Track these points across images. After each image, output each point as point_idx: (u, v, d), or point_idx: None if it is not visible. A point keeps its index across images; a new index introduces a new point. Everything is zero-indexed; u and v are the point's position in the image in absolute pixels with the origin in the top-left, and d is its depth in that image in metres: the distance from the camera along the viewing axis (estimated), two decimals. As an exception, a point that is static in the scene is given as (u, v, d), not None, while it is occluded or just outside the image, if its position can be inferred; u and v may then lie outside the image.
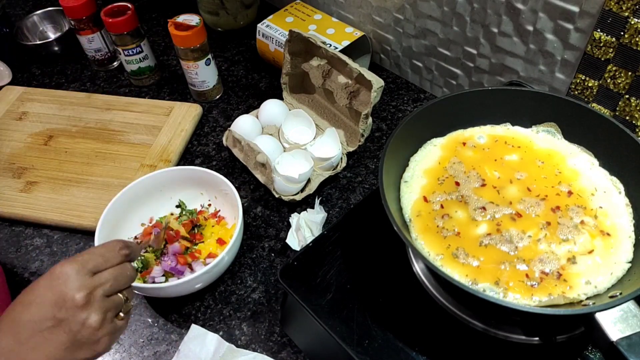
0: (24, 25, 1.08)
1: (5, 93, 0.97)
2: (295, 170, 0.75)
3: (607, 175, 0.57)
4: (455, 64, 0.86)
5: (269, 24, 0.96)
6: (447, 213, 0.54)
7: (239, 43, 1.09)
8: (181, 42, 0.86)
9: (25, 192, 0.79)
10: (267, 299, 0.68)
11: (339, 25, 0.95)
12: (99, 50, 1.01)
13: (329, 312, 0.54)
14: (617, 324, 0.42)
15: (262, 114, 0.86)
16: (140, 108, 0.93)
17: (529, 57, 0.75)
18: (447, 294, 0.52)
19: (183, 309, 0.67)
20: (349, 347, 0.51)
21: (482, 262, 0.49)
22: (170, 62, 1.06)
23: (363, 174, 0.82)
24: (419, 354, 0.50)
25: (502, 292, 0.47)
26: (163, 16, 1.18)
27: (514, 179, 0.57)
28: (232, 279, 0.70)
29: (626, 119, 0.69)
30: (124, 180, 0.78)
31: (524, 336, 0.49)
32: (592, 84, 0.70)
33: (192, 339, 0.63)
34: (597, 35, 0.65)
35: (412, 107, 0.93)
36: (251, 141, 0.79)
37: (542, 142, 0.60)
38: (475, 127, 0.63)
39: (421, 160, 0.60)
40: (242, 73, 1.02)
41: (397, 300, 0.55)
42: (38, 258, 0.74)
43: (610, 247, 0.50)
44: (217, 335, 0.63)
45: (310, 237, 0.71)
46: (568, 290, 0.47)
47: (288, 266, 0.58)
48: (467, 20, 0.79)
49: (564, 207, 0.53)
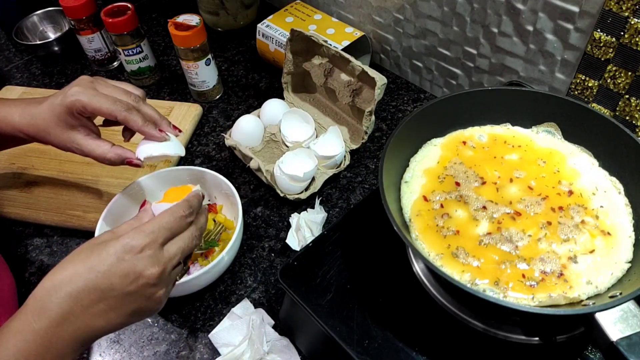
0: (24, 25, 1.08)
1: (5, 93, 0.97)
2: (299, 169, 0.75)
3: (607, 175, 0.57)
4: (455, 64, 0.86)
5: (269, 24, 0.96)
6: (447, 212, 0.54)
7: (239, 43, 1.09)
8: (181, 42, 0.86)
9: (25, 192, 0.79)
10: (267, 299, 0.68)
11: (339, 25, 0.95)
12: (99, 50, 1.01)
13: (329, 312, 0.54)
14: (617, 324, 0.41)
15: (264, 113, 0.86)
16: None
17: (529, 57, 0.75)
18: (447, 294, 0.52)
19: (183, 309, 0.67)
20: (349, 347, 0.51)
21: (482, 262, 0.49)
22: (170, 62, 1.06)
23: (363, 174, 0.82)
24: (419, 354, 0.50)
25: (502, 292, 0.47)
26: (163, 16, 1.18)
27: (514, 179, 0.57)
28: (232, 279, 0.70)
29: (626, 119, 0.69)
30: (124, 180, 0.78)
31: (524, 336, 0.49)
32: (592, 84, 0.70)
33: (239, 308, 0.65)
34: (597, 35, 0.65)
35: (412, 107, 0.93)
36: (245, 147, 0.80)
37: (542, 142, 0.60)
38: (475, 127, 0.63)
39: (421, 160, 0.60)
40: (242, 73, 1.02)
41: (397, 300, 0.55)
42: (38, 258, 0.74)
43: (611, 247, 0.50)
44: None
45: (310, 237, 0.71)
46: (569, 290, 0.47)
47: (288, 266, 0.58)
48: (467, 20, 0.79)
49: (564, 207, 0.53)
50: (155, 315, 0.67)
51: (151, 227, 0.47)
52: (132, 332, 0.65)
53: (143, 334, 0.65)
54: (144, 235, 0.46)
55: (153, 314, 0.48)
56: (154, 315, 0.66)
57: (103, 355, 0.64)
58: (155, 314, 0.47)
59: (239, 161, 0.85)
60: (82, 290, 0.43)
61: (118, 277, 0.44)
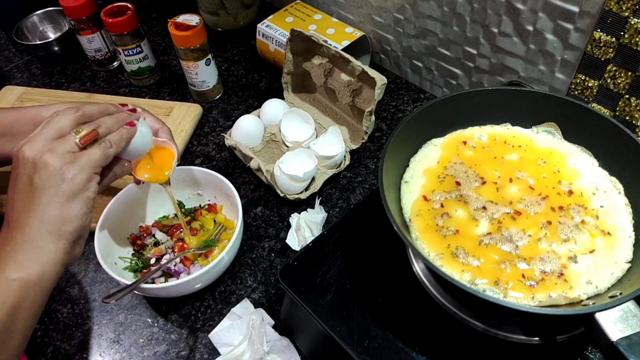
0: (24, 25, 1.08)
1: (5, 93, 0.97)
2: (299, 169, 0.75)
3: (607, 175, 0.57)
4: (455, 64, 0.86)
5: (269, 24, 0.96)
6: (447, 212, 0.54)
7: (239, 43, 1.09)
8: (181, 42, 0.86)
9: (25, 192, 0.79)
10: (267, 299, 0.68)
11: (339, 25, 0.95)
12: (99, 50, 1.01)
13: (329, 312, 0.54)
14: (617, 324, 0.41)
15: (264, 113, 0.86)
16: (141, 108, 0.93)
17: (529, 57, 0.75)
18: (447, 294, 0.52)
19: (183, 309, 0.67)
20: (349, 347, 0.51)
21: (482, 262, 0.49)
22: (170, 62, 1.06)
23: (363, 174, 0.82)
24: (419, 354, 0.50)
25: (502, 292, 0.47)
26: (163, 16, 1.18)
27: (514, 178, 0.57)
28: (232, 279, 0.70)
29: (626, 119, 0.69)
30: (123, 180, 0.78)
31: (524, 336, 0.49)
32: (592, 84, 0.70)
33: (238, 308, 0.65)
34: (597, 35, 0.65)
35: (412, 107, 0.93)
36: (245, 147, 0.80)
37: (542, 142, 0.60)
38: (475, 127, 0.63)
39: (421, 160, 0.60)
40: (242, 73, 1.02)
41: (397, 300, 0.55)
42: (38, 258, 0.74)
43: (611, 247, 0.50)
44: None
45: (310, 237, 0.71)
46: (569, 290, 0.47)
47: (288, 266, 0.58)
48: (467, 20, 0.79)
49: (564, 207, 0.53)
50: (155, 315, 0.67)
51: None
52: (132, 332, 0.65)
53: (143, 334, 0.65)
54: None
55: (77, 194, 0.52)
56: (154, 315, 0.67)
57: (103, 355, 0.64)
58: (79, 194, 0.52)
59: (239, 161, 0.85)
60: None
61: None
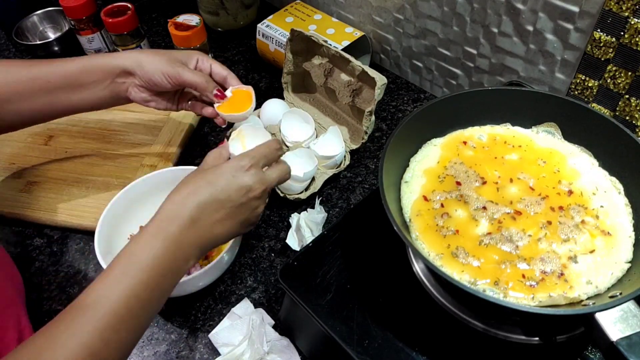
0: (24, 25, 1.08)
1: (5, 93, 0.97)
2: (299, 169, 0.75)
3: (607, 175, 0.57)
4: (455, 64, 0.86)
5: (269, 24, 0.96)
6: (447, 212, 0.54)
7: (239, 43, 1.09)
8: (181, 42, 0.86)
9: (25, 192, 0.79)
10: (267, 299, 0.68)
11: (339, 25, 0.95)
12: (99, 50, 1.01)
13: (329, 312, 0.54)
14: (617, 324, 0.42)
15: (264, 113, 0.86)
16: (141, 108, 0.92)
17: (529, 57, 0.75)
18: (447, 294, 0.52)
19: (183, 309, 0.67)
20: (349, 347, 0.51)
21: (482, 262, 0.49)
22: (170, 62, 1.06)
23: (363, 174, 0.82)
24: (419, 354, 0.50)
25: (502, 292, 0.47)
26: (163, 16, 1.18)
27: (514, 178, 0.57)
28: (232, 279, 0.70)
29: (626, 119, 0.69)
30: (124, 180, 0.78)
31: (524, 336, 0.49)
32: (592, 84, 0.70)
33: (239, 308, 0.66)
34: (597, 35, 0.65)
35: (412, 107, 0.93)
36: None
37: (542, 142, 0.60)
38: (475, 127, 0.63)
39: (421, 160, 0.60)
40: (242, 73, 1.02)
41: (397, 300, 0.55)
42: (38, 258, 0.74)
43: (611, 247, 0.50)
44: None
45: (310, 237, 0.71)
46: (569, 290, 0.47)
47: (288, 266, 0.58)
48: (467, 20, 0.79)
49: (564, 207, 0.53)
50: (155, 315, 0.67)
51: (253, 153, 0.57)
52: (132, 332, 0.65)
53: (143, 334, 0.65)
54: (249, 158, 0.56)
55: (253, 226, 0.58)
56: (154, 315, 0.66)
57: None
58: (254, 227, 0.59)
59: (239, 161, 0.85)
60: (206, 201, 0.52)
61: (234, 190, 0.54)
